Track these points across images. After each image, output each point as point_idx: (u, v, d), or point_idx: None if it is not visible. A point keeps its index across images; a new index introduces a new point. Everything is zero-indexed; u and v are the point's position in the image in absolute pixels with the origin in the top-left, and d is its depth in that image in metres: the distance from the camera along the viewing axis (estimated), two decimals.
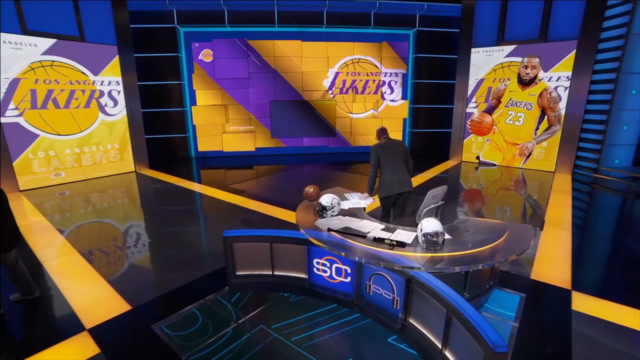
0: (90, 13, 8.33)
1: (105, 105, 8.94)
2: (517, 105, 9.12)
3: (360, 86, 11.40)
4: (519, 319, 3.03)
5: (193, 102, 11.05)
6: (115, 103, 9.13)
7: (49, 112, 8.07)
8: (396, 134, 11.81)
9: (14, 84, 7.51)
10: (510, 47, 9.10)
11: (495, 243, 2.73)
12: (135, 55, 9.35)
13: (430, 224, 2.65)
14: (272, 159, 11.18)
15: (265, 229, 3.37)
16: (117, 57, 8.90)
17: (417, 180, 8.36)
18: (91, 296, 3.53)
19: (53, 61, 7.97)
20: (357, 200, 3.88)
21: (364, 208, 3.73)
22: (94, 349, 2.78)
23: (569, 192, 7.22)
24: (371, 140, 11.71)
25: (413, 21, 11.02)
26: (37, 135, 7.97)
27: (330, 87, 11.30)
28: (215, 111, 10.99)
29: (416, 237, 2.81)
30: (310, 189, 3.72)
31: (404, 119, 11.83)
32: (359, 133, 11.69)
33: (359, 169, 10.01)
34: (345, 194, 4.12)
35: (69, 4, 8.02)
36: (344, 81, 11.30)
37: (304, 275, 3.33)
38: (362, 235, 2.86)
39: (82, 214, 6.53)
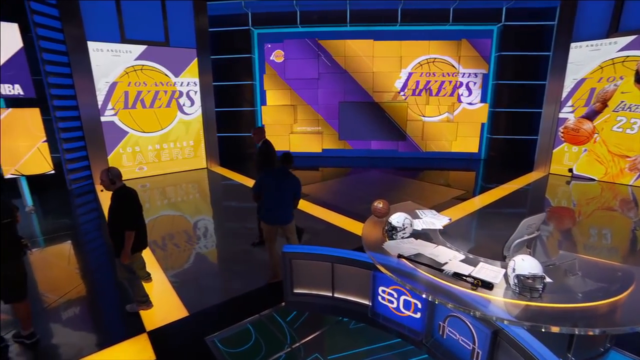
0: (175, 20, 8.91)
1: (184, 105, 9.53)
2: (631, 109, 7.66)
3: (435, 87, 10.62)
4: None
5: (263, 102, 11.30)
6: (192, 103, 9.68)
7: (137, 112, 8.83)
8: (472, 140, 10.80)
9: (112, 87, 8.34)
10: (628, 39, 7.61)
11: (618, 297, 2.12)
12: (211, 57, 9.81)
13: (526, 264, 2.15)
14: (338, 161, 10.97)
15: (328, 247, 3.11)
16: (196, 59, 9.42)
17: (494, 194, 7.45)
18: (154, 297, 3.61)
19: (143, 65, 8.69)
20: (431, 219, 3.44)
21: (439, 230, 3.28)
22: (150, 354, 2.79)
23: None
24: (445, 145, 10.90)
25: (498, 15, 9.92)
26: (127, 133, 8.77)
27: (403, 89, 10.71)
28: (284, 111, 11.11)
29: (505, 274, 2.32)
30: (379, 204, 3.38)
31: (482, 124, 10.76)
32: (431, 138, 10.92)
33: (430, 176, 9.31)
34: (417, 211, 3.69)
35: (158, 13, 8.66)
36: (417, 82, 10.63)
37: (367, 302, 3.01)
38: (438, 268, 2.45)
39: (158, 206, 6.98)
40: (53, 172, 6.94)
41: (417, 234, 3.11)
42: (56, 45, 7.59)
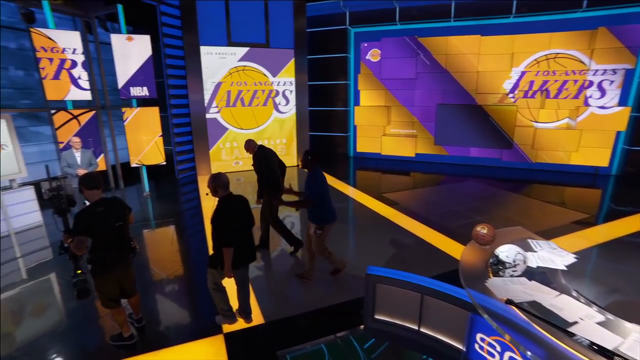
0: (276, 22, 9.27)
1: (279, 103, 9.89)
2: None
3: (554, 88, 9.09)
4: None
5: (357, 102, 11.12)
6: (287, 102, 9.99)
7: (237, 110, 9.45)
8: (601, 151, 8.94)
9: (217, 86, 9.08)
10: None
11: None
12: (307, 57, 9.97)
13: None
14: (432, 167, 10.21)
15: (417, 275, 2.74)
16: (293, 59, 9.67)
17: (631, 222, 5.95)
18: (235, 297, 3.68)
19: (245, 66, 9.25)
20: (550, 255, 2.78)
21: (561, 271, 2.63)
22: (224, 357, 2.80)
23: None
24: (561, 157, 9.31)
25: None
26: (227, 129, 9.46)
27: (513, 90, 9.42)
28: (377, 112, 10.76)
29: None
30: (483, 230, 2.86)
31: (618, 132, 8.83)
32: (543, 147, 9.38)
33: (540, 192, 8.00)
34: (529, 241, 3.05)
35: (261, 16, 9.10)
36: (532, 82, 9.23)
37: (459, 346, 2.57)
38: (565, 330, 1.90)
39: (249, 200, 7.31)
40: (164, 163, 7.82)
41: (530, 272, 2.53)
42: (176, 51, 8.55)
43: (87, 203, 2.67)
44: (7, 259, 4.89)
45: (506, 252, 2.49)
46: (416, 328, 2.78)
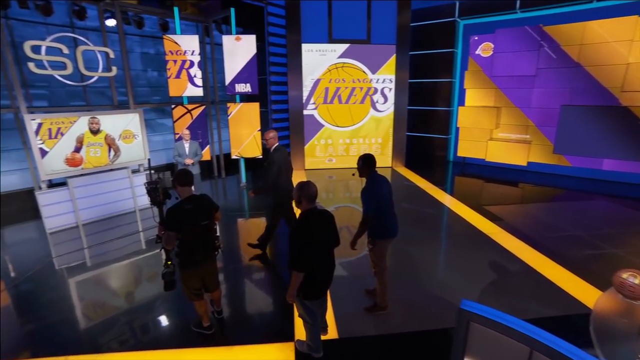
0: (378, 17, 8.93)
1: (377, 101, 9.56)
2: None
3: None
4: None
5: (461, 102, 10.13)
6: (385, 100, 9.60)
7: (334, 107, 9.45)
8: None
9: (316, 83, 9.20)
10: None
11: None
12: (410, 53, 9.40)
13: None
14: (548, 179, 8.71)
15: (528, 324, 2.19)
16: (394, 55, 9.22)
17: None
18: None
19: (344, 63, 9.16)
20: None
21: None
22: None
23: None
24: None
25: None
26: (323, 126, 9.54)
27: None
28: (484, 113, 9.60)
29: None
30: (633, 278, 2.15)
31: None
32: None
33: None
34: None
35: (363, 12, 8.87)
36: None
37: None
38: None
39: (340, 198, 7.46)
40: (261, 156, 8.24)
41: None
42: (279, 49, 8.92)
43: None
44: (132, 231, 5.78)
45: None
46: None
